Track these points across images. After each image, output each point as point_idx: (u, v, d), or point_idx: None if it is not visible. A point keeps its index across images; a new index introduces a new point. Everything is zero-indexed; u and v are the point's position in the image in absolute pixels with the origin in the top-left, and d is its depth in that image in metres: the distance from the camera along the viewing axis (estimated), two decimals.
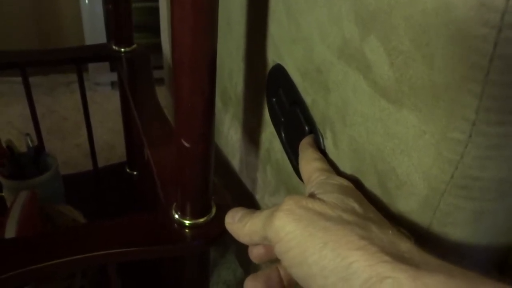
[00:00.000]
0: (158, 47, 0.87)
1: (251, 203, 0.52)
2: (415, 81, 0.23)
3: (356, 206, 0.24)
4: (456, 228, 0.24)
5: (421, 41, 0.22)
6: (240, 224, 0.28)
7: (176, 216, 0.41)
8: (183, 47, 0.31)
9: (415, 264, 0.19)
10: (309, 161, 0.31)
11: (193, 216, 0.40)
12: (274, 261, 0.29)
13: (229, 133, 0.56)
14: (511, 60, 0.19)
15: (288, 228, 0.23)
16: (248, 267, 0.59)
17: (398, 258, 0.19)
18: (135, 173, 0.88)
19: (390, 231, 0.22)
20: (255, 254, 0.30)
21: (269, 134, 0.44)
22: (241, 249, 0.64)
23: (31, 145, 0.74)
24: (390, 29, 0.23)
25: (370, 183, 0.28)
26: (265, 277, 0.28)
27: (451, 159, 0.22)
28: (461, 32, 0.20)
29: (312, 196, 0.26)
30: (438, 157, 0.23)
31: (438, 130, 0.22)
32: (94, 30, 1.30)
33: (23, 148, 0.75)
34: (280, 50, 0.38)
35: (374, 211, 0.25)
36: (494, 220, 0.24)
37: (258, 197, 0.50)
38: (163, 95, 0.75)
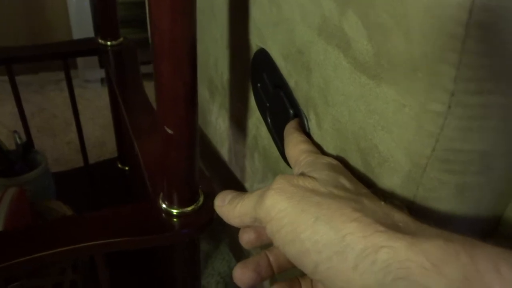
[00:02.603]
0: (146, 41, 0.87)
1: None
2: (393, 54, 0.22)
3: (346, 182, 0.24)
4: (440, 202, 0.24)
5: (398, 13, 0.21)
6: (230, 206, 0.27)
7: (164, 205, 0.41)
8: (161, 32, 0.30)
9: (411, 232, 0.19)
10: (295, 144, 0.31)
11: (180, 205, 0.40)
12: (265, 247, 0.29)
13: (217, 123, 0.55)
14: (487, 27, 0.19)
15: (280, 205, 0.23)
16: (242, 258, 0.58)
17: (393, 227, 0.19)
18: (126, 168, 0.88)
19: (383, 203, 0.22)
20: (245, 239, 0.29)
21: (255, 121, 0.43)
22: (235, 241, 0.64)
23: (19, 142, 0.73)
24: (367, 2, 0.23)
25: (354, 162, 0.28)
26: (255, 264, 0.28)
27: (431, 132, 0.22)
28: (437, 1, 0.19)
29: (302, 175, 0.26)
30: (419, 131, 0.22)
31: (418, 103, 0.22)
32: (82, 25, 1.29)
33: (12, 147, 0.74)
34: (263, 34, 0.37)
35: (364, 187, 0.25)
36: (478, 194, 0.24)
37: (247, 185, 0.50)
38: (151, 90, 0.75)
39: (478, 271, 0.16)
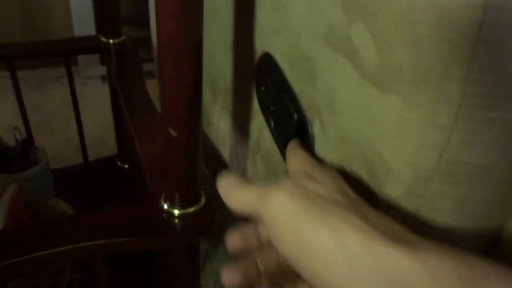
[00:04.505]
0: (148, 40, 0.87)
1: None
2: (400, 65, 0.22)
3: (349, 191, 0.25)
4: (442, 214, 0.24)
5: (406, 24, 0.22)
6: (232, 187, 0.28)
7: (165, 206, 0.41)
8: (167, 33, 0.31)
9: (410, 243, 0.19)
10: (295, 154, 0.31)
11: (182, 206, 0.40)
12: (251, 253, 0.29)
13: (219, 124, 0.55)
14: (496, 43, 0.19)
15: (285, 204, 0.23)
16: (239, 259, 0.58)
17: (394, 238, 0.20)
18: (126, 166, 0.88)
19: (381, 213, 0.22)
20: (233, 245, 0.29)
21: (258, 124, 0.44)
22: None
23: (19, 139, 0.73)
24: (375, 13, 0.23)
25: (358, 170, 0.28)
26: (243, 268, 0.28)
27: (436, 144, 0.22)
28: (446, 14, 0.20)
29: (308, 177, 0.26)
30: (423, 143, 0.23)
31: (423, 116, 0.22)
32: (83, 23, 1.29)
33: (11, 143, 0.74)
34: (268, 39, 0.37)
35: (362, 198, 0.25)
36: (475, 205, 0.24)
37: None
38: (153, 88, 0.74)
39: (475, 282, 0.17)
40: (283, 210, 0.23)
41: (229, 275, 0.27)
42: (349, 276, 0.20)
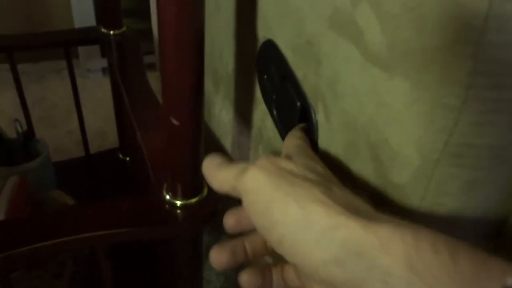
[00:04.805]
0: (149, 32, 0.86)
1: None
2: (406, 46, 0.22)
3: (320, 169, 0.26)
4: (450, 197, 0.24)
5: (413, 4, 0.21)
6: (215, 169, 0.29)
7: (168, 197, 0.40)
8: (168, 21, 0.30)
9: (368, 217, 0.21)
10: (291, 139, 0.32)
11: (184, 197, 0.40)
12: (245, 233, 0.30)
13: (220, 115, 0.55)
14: (506, 20, 0.18)
15: (258, 180, 0.25)
16: None
17: (353, 211, 0.21)
18: (127, 159, 0.87)
19: (349, 191, 0.24)
20: (229, 224, 0.31)
21: (261, 113, 0.43)
22: (235, 234, 0.63)
23: (20, 131, 0.72)
24: None
25: (363, 156, 0.28)
26: (231, 247, 0.29)
27: (444, 126, 0.22)
28: None
29: (285, 157, 0.28)
30: (431, 125, 0.22)
31: (431, 97, 0.21)
32: (84, 15, 1.28)
33: (12, 135, 0.74)
34: (270, 25, 0.37)
35: (334, 176, 0.27)
36: (488, 189, 0.24)
37: None
38: (155, 80, 0.74)
39: (418, 249, 0.19)
40: (255, 186, 0.25)
41: (217, 255, 0.29)
42: (312, 244, 0.21)
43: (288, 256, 0.23)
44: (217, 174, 0.28)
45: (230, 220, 0.30)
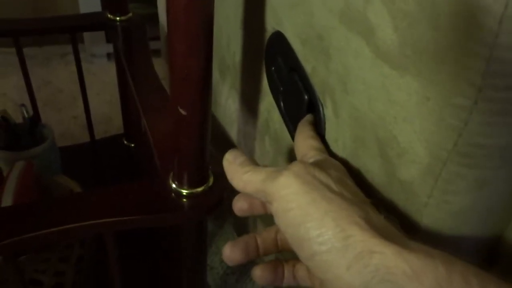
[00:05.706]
0: (155, 17, 0.85)
1: None
2: (419, 44, 0.22)
3: (352, 185, 0.26)
4: (457, 196, 0.24)
5: (425, 2, 0.21)
6: (239, 168, 0.28)
7: (174, 185, 0.41)
8: (177, 7, 0.30)
9: (401, 244, 0.21)
10: (305, 138, 0.32)
11: (190, 185, 0.40)
12: (253, 228, 0.30)
13: (227, 104, 0.55)
14: None
15: (293, 188, 0.24)
16: None
17: (387, 238, 0.21)
18: (132, 145, 0.88)
19: (383, 216, 0.24)
20: (238, 207, 0.31)
21: (267, 104, 0.43)
22: (239, 221, 0.64)
23: (26, 116, 0.72)
24: None
25: (371, 152, 0.28)
26: (244, 244, 0.30)
27: (454, 125, 0.22)
28: None
29: (318, 166, 0.27)
30: (441, 124, 0.22)
31: (442, 96, 0.21)
32: (89, 1, 1.27)
33: (18, 120, 0.74)
34: (280, 16, 0.37)
35: (365, 196, 0.27)
36: (495, 188, 0.24)
37: None
38: (160, 66, 0.74)
39: (450, 281, 0.19)
40: (289, 193, 0.24)
41: (231, 253, 0.29)
42: (344, 268, 0.21)
43: (315, 271, 0.23)
44: (241, 175, 0.28)
45: (243, 205, 0.31)
